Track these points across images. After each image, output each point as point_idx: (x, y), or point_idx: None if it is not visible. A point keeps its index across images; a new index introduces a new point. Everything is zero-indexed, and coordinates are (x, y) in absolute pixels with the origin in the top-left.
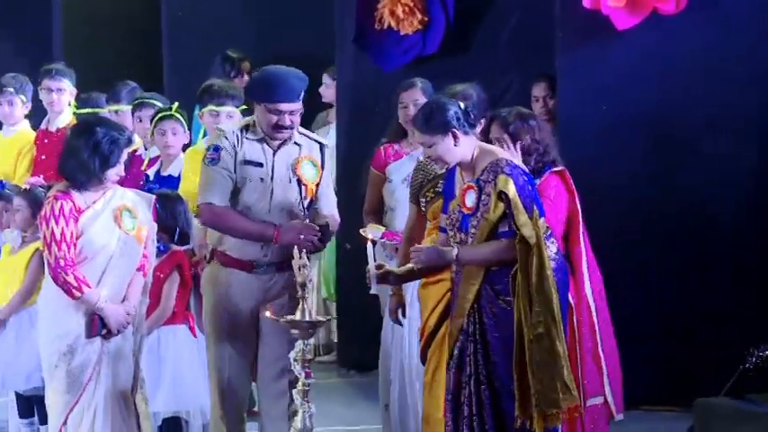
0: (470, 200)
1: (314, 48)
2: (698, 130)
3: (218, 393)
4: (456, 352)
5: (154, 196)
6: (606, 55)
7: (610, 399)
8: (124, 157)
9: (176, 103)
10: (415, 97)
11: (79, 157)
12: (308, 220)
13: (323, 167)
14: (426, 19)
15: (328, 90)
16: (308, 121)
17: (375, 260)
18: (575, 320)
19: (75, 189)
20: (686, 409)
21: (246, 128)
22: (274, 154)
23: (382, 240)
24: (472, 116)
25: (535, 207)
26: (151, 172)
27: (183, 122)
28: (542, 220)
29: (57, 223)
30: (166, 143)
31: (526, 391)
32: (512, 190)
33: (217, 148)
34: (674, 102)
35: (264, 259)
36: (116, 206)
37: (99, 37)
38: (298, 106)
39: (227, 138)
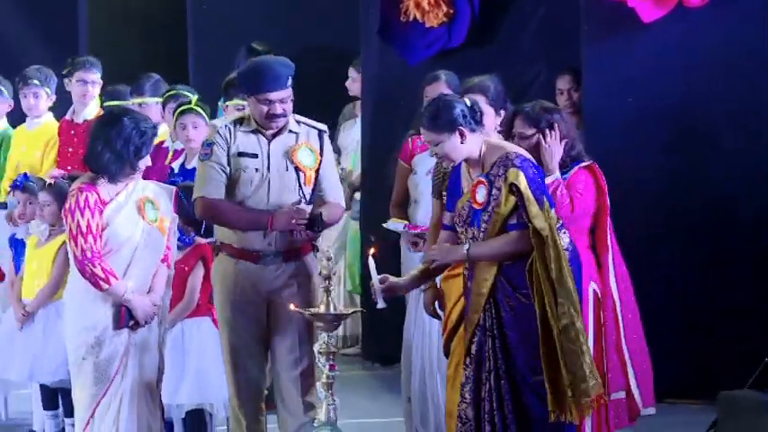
0: (481, 195)
1: (339, 40)
2: (720, 125)
3: (234, 385)
4: (474, 348)
5: (174, 188)
6: (632, 47)
7: (635, 393)
8: (152, 147)
9: (195, 97)
10: (440, 90)
11: (112, 148)
12: (310, 208)
13: (322, 153)
14: (452, 11)
15: (354, 83)
16: (334, 114)
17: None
18: (601, 314)
19: (103, 180)
20: (710, 401)
21: (241, 121)
22: (269, 144)
23: (403, 230)
24: (479, 113)
25: (545, 198)
26: (176, 165)
27: (204, 116)
28: (553, 211)
29: (82, 215)
30: (188, 137)
31: (558, 384)
32: (523, 182)
33: (209, 144)
34: (699, 95)
35: (270, 248)
36: (138, 198)
37: (124, 30)
38: (287, 93)
39: (219, 133)
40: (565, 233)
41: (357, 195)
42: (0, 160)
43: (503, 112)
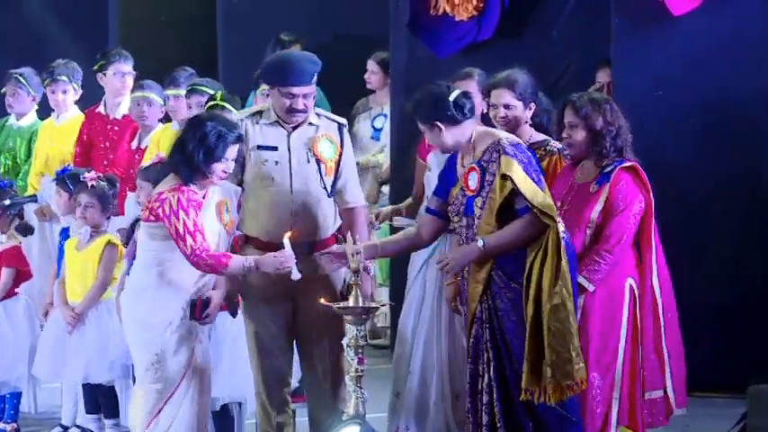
0: (473, 181)
1: (369, 32)
2: (753, 119)
3: (260, 376)
4: (472, 341)
5: (240, 188)
6: (662, 40)
7: (670, 393)
8: (232, 153)
9: (220, 92)
10: (470, 89)
11: (184, 150)
12: (332, 201)
13: (342, 146)
14: (482, 5)
15: (373, 76)
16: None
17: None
18: (637, 311)
19: (183, 183)
20: (740, 395)
21: (260, 113)
22: (289, 136)
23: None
24: (468, 105)
25: (542, 179)
26: None
27: (231, 109)
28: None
29: (187, 215)
30: None
31: (539, 363)
32: (517, 172)
33: None
34: (731, 89)
35: (296, 240)
36: (218, 200)
37: (154, 24)
38: (310, 89)
39: None
40: (559, 221)
41: (385, 189)
42: (27, 155)
43: (533, 105)
